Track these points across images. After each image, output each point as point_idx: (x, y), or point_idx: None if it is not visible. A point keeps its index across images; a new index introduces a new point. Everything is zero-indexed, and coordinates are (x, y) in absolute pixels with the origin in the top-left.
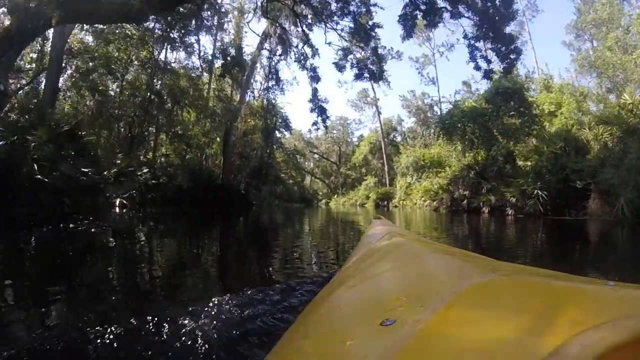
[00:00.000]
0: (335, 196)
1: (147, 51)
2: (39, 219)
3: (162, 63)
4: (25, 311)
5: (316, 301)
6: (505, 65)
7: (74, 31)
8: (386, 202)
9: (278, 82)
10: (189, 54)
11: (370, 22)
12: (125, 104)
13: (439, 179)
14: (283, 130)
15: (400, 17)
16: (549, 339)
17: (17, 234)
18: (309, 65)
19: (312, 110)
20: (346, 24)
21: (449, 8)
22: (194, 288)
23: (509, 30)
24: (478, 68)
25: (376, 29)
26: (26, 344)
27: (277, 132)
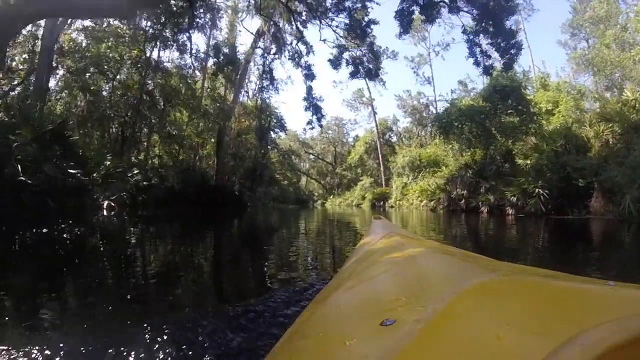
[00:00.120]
0: (331, 197)
1: (138, 50)
2: (21, 220)
3: (153, 62)
4: None
5: (316, 301)
6: (505, 60)
7: (66, 30)
8: (382, 203)
9: (272, 81)
10: (181, 52)
11: (366, 19)
12: (117, 104)
13: (436, 178)
14: (278, 130)
15: (397, 12)
16: (549, 339)
17: None
18: (303, 63)
19: (306, 108)
20: (341, 20)
21: (447, 2)
22: (179, 299)
23: (508, 25)
24: (478, 64)
25: (372, 25)
26: None
27: (271, 132)
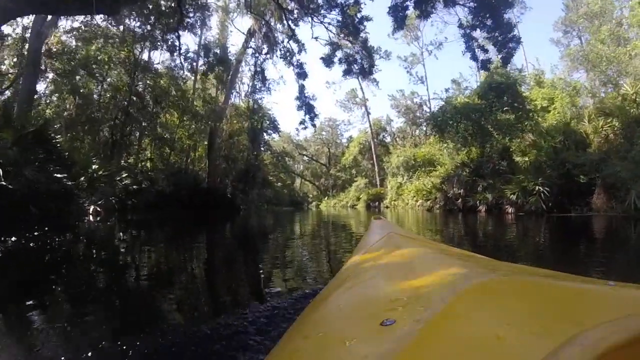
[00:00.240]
0: (326, 198)
1: (127, 50)
2: None
3: (142, 62)
4: None
5: (316, 301)
6: (504, 54)
7: (55, 32)
8: (377, 203)
9: (264, 81)
10: (171, 52)
11: (359, 15)
12: (106, 106)
13: (432, 178)
14: (271, 132)
15: (390, 8)
16: (549, 339)
17: None
18: (295, 62)
19: (299, 108)
20: (334, 17)
21: None
22: (166, 313)
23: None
24: (475, 58)
25: (365, 22)
26: None
27: (264, 133)
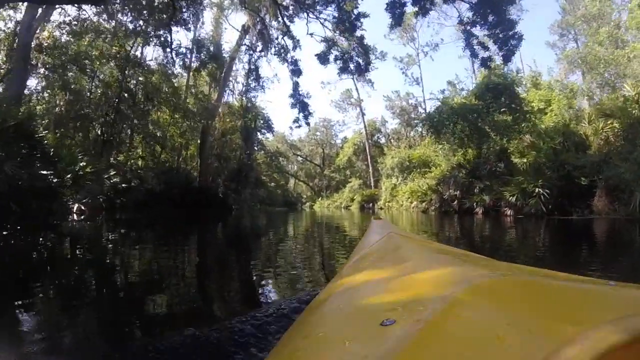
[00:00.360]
0: (320, 199)
1: (119, 46)
2: None
3: (133, 57)
4: None
5: (316, 301)
6: (505, 52)
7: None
8: (371, 205)
9: (258, 79)
10: (163, 47)
11: (356, 11)
12: (97, 103)
13: (427, 179)
14: (265, 131)
15: (388, 4)
16: (549, 339)
17: None
18: (289, 58)
19: (293, 105)
20: (330, 12)
21: None
22: (152, 320)
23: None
24: (475, 56)
25: (362, 18)
26: None
27: (258, 133)
